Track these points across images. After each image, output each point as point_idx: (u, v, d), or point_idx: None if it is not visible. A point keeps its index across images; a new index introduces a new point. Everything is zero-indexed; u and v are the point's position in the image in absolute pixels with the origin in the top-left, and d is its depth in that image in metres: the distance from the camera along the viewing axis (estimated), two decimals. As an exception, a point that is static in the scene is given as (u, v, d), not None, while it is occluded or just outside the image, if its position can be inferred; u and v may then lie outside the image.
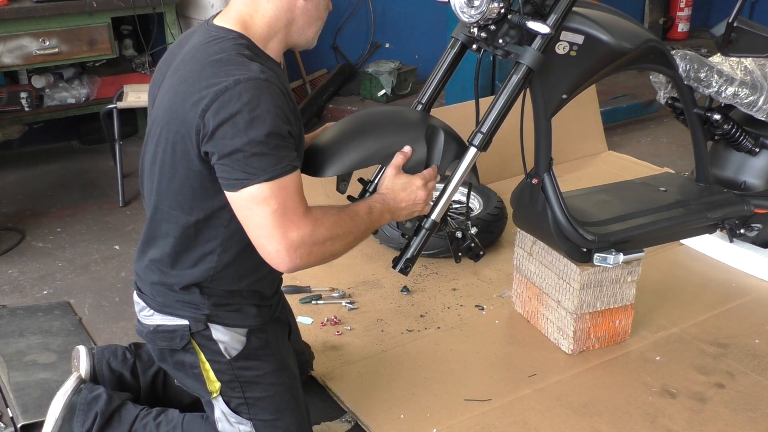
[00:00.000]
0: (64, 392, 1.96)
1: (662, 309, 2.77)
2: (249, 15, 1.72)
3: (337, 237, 1.71)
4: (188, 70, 1.66)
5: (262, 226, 1.62)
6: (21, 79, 3.87)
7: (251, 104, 1.56)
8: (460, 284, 2.93)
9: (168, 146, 1.69)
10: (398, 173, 1.89)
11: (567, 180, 3.69)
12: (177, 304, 1.83)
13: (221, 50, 1.64)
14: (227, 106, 1.56)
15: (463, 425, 2.20)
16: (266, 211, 1.59)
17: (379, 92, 5.04)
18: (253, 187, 1.58)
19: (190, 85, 1.62)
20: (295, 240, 1.62)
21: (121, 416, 1.95)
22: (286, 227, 1.61)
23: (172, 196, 1.73)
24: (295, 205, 1.62)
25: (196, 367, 1.87)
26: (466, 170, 2.11)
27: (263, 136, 1.56)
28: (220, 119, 1.56)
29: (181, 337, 1.84)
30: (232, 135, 1.56)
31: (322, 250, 1.69)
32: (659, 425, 2.21)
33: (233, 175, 1.59)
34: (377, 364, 2.45)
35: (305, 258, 1.65)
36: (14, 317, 2.69)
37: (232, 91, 1.56)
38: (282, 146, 1.60)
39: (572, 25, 2.17)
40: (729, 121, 2.81)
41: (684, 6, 6.57)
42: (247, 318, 1.87)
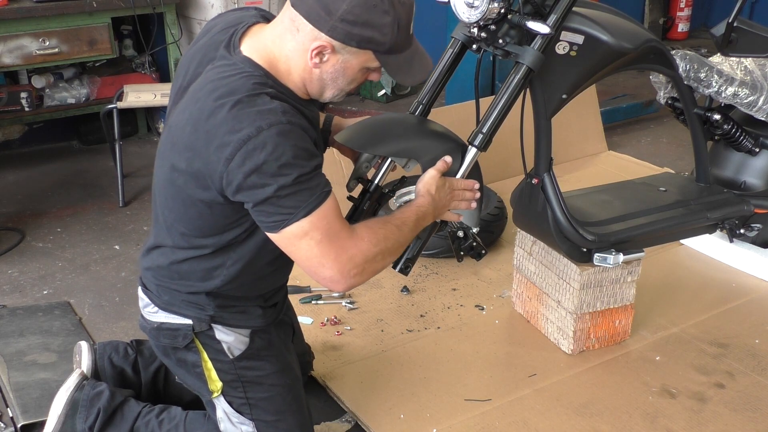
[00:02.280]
0: (67, 388, 1.96)
1: (662, 309, 2.77)
2: (274, 54, 1.65)
3: (387, 251, 1.74)
4: (210, 107, 1.58)
5: (310, 257, 1.63)
6: (21, 79, 3.87)
7: (276, 153, 1.53)
8: (460, 284, 2.93)
9: (188, 177, 1.65)
10: (441, 172, 1.93)
11: (567, 180, 3.69)
12: (182, 303, 1.83)
13: (244, 88, 1.58)
14: (252, 156, 1.53)
15: (463, 425, 2.20)
16: (311, 244, 1.60)
17: (379, 92, 5.04)
18: (293, 225, 1.58)
19: (213, 126, 1.57)
20: (345, 262, 1.64)
21: (123, 413, 1.95)
22: (335, 253, 1.63)
23: (187, 221, 1.73)
24: (338, 229, 1.63)
25: (198, 366, 1.88)
26: (467, 170, 2.11)
27: (292, 180, 1.55)
28: (246, 171, 1.54)
29: (184, 336, 1.84)
30: (262, 185, 1.55)
31: (374, 265, 1.71)
32: (659, 425, 2.21)
33: (271, 219, 1.59)
34: (377, 364, 2.45)
35: (359, 276, 1.68)
36: (14, 317, 2.69)
37: (256, 140, 1.52)
38: (312, 179, 1.58)
39: (572, 25, 2.17)
40: (729, 121, 2.81)
41: (684, 6, 6.57)
42: (252, 319, 1.87)
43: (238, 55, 1.66)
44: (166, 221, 1.78)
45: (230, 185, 1.57)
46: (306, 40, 1.61)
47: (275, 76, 1.65)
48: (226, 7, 3.82)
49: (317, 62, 1.63)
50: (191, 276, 1.81)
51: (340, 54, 1.63)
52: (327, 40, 1.60)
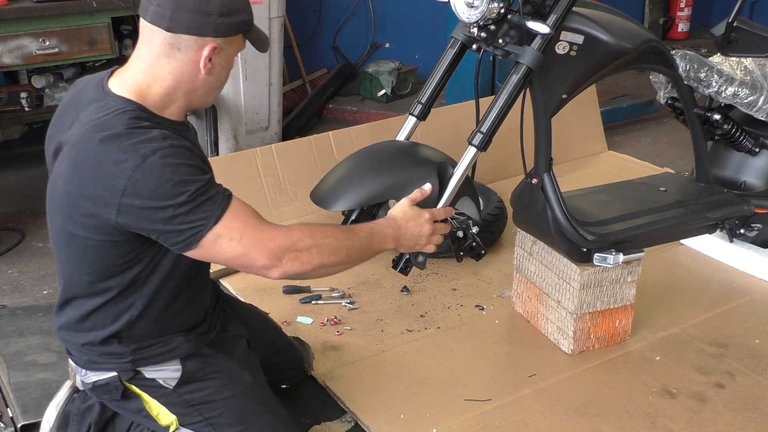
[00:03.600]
0: (57, 403, 1.95)
1: (662, 309, 2.77)
2: (146, 84, 1.65)
3: (326, 247, 1.70)
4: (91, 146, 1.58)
5: (238, 256, 1.62)
6: (21, 79, 3.86)
7: (166, 175, 1.54)
8: (460, 284, 2.92)
9: (80, 223, 1.63)
10: (411, 205, 1.92)
11: (567, 180, 3.69)
12: (100, 358, 1.82)
13: (121, 123, 1.58)
14: (143, 184, 1.53)
15: (463, 425, 2.20)
16: (232, 243, 1.59)
17: (379, 92, 5.04)
18: (208, 234, 1.57)
19: (97, 164, 1.56)
20: (275, 249, 1.62)
21: (114, 426, 1.95)
22: (260, 243, 1.61)
23: (86, 266, 1.71)
24: (256, 223, 1.62)
25: (143, 410, 1.87)
26: (466, 170, 2.12)
27: (189, 196, 1.55)
28: (142, 199, 1.54)
29: (116, 388, 1.84)
30: (162, 207, 1.54)
31: (310, 257, 1.67)
32: (659, 425, 2.21)
33: (183, 237, 1.57)
34: (377, 364, 2.45)
35: (292, 262, 1.65)
36: (14, 317, 2.68)
37: (143, 168, 1.53)
38: (210, 189, 1.59)
39: (572, 25, 2.17)
40: (729, 121, 2.81)
41: (684, 6, 6.58)
42: (176, 348, 1.84)
43: (108, 95, 1.65)
44: (68, 273, 1.76)
45: (127, 217, 1.56)
46: (191, 52, 1.63)
47: (148, 108, 1.65)
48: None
49: (209, 68, 1.65)
50: (103, 322, 1.77)
51: (223, 50, 1.66)
52: (213, 41, 1.63)
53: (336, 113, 5.00)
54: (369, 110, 4.93)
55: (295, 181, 3.30)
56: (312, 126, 4.72)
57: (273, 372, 2.18)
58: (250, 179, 3.23)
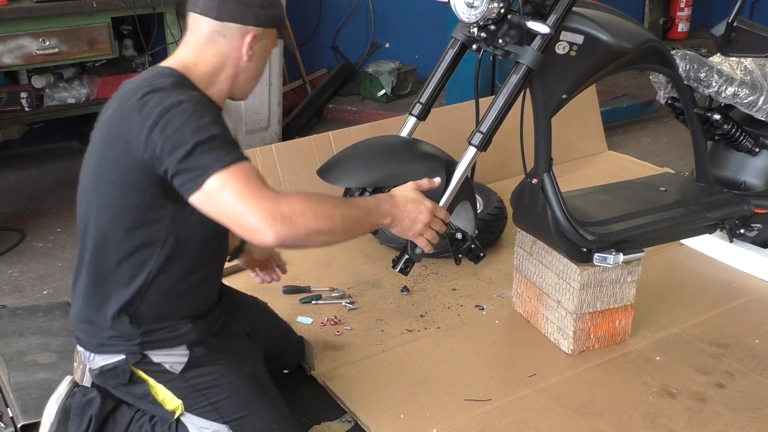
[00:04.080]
0: (58, 397, 1.96)
1: (662, 309, 2.77)
2: (192, 63, 1.79)
3: (321, 212, 1.67)
4: (134, 98, 1.70)
5: (233, 207, 1.60)
6: (21, 79, 3.86)
7: (195, 116, 1.64)
8: (460, 284, 2.93)
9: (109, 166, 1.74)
10: (416, 189, 1.92)
11: (567, 180, 3.69)
12: (110, 341, 1.84)
13: (164, 81, 1.72)
14: (173, 121, 1.63)
15: (463, 425, 2.20)
16: (232, 194, 1.60)
17: (379, 92, 5.04)
18: (212, 178, 1.60)
19: (136, 109, 1.68)
20: (270, 209, 1.60)
21: (116, 419, 1.96)
22: (257, 200, 1.60)
23: (110, 215, 1.76)
24: (259, 183, 1.63)
25: (149, 395, 1.89)
26: (466, 170, 2.12)
27: (208, 137, 1.62)
28: (167, 133, 1.63)
29: (124, 372, 1.86)
30: (182, 143, 1.61)
31: (306, 222, 1.63)
32: (659, 425, 2.21)
33: (191, 176, 1.62)
34: (377, 364, 2.45)
35: (288, 226, 1.61)
36: (14, 317, 2.68)
37: (177, 109, 1.64)
38: (230, 143, 1.66)
39: (572, 25, 2.17)
40: (729, 121, 2.81)
41: (684, 6, 6.58)
42: (184, 335, 1.88)
43: (156, 67, 1.82)
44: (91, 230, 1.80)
45: (151, 153, 1.65)
46: (235, 39, 1.79)
47: (193, 81, 1.78)
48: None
49: (251, 54, 1.82)
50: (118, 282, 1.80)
51: (262, 40, 1.83)
52: (255, 29, 1.80)
53: (336, 113, 5.00)
54: (369, 110, 4.93)
55: (295, 181, 3.30)
56: (312, 126, 4.72)
57: (276, 359, 2.23)
58: (250, 179, 3.22)
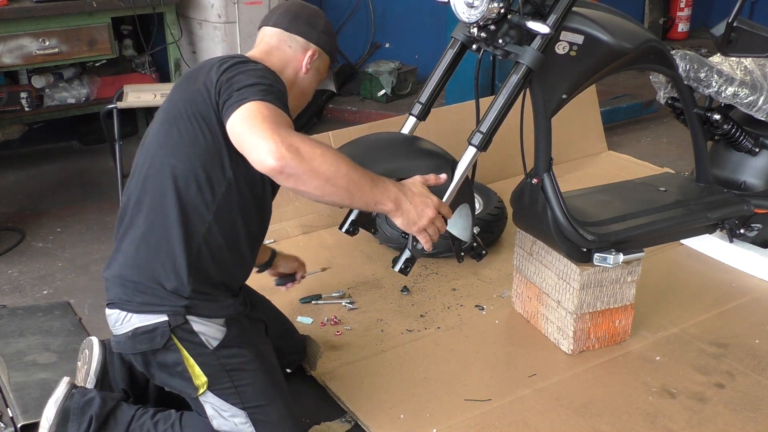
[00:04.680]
0: (56, 399, 1.95)
1: (662, 309, 2.77)
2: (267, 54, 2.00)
3: (330, 160, 1.71)
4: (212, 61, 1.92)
5: (254, 126, 1.71)
6: (21, 79, 3.87)
7: (262, 73, 1.83)
8: (460, 284, 2.93)
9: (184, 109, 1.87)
10: (423, 184, 1.94)
11: (567, 180, 3.69)
12: (157, 299, 1.84)
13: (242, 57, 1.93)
14: (245, 66, 1.85)
15: (463, 425, 2.20)
16: (258, 117, 1.72)
17: (379, 92, 5.04)
18: (250, 103, 1.74)
19: (216, 64, 1.87)
20: (283, 136, 1.68)
21: (116, 418, 1.95)
22: (276, 126, 1.70)
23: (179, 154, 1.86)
24: (285, 120, 1.75)
25: (180, 364, 1.88)
26: (466, 170, 2.11)
27: (267, 84, 1.79)
28: (236, 72, 1.82)
29: (162, 334, 1.85)
30: (244, 79, 1.80)
31: (311, 158, 1.68)
32: (659, 425, 2.21)
33: (235, 99, 1.76)
34: (377, 364, 2.45)
35: (291, 155, 1.66)
36: (14, 317, 2.69)
37: (244, 65, 1.85)
38: (280, 98, 1.80)
39: (572, 25, 2.17)
40: (729, 121, 2.81)
41: (684, 6, 6.58)
42: (224, 308, 1.91)
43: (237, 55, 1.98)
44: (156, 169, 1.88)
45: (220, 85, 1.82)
46: (299, 51, 2.02)
47: None
48: (226, 7, 3.82)
49: (309, 67, 2.03)
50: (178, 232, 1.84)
51: (318, 61, 2.04)
52: (316, 48, 2.03)
53: (336, 113, 5.01)
54: (369, 110, 4.93)
55: (295, 181, 3.29)
56: (312, 126, 4.72)
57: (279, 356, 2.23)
58: (250, 179, 3.22)
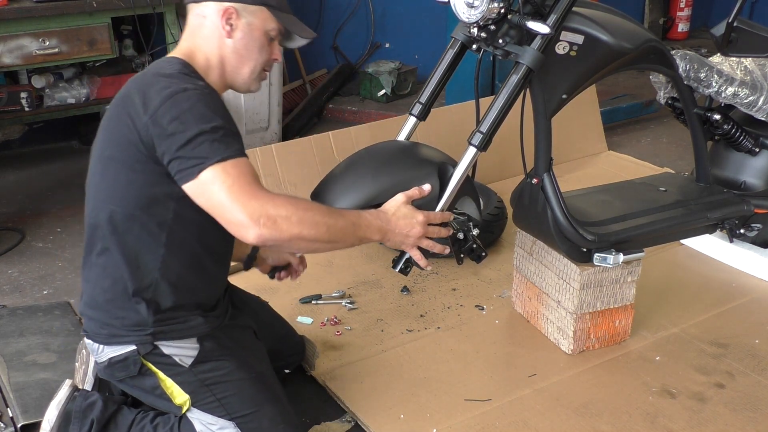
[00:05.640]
0: (58, 402, 1.95)
1: (662, 309, 2.77)
2: (191, 51, 1.86)
3: (307, 219, 1.70)
4: (139, 80, 1.78)
5: (222, 201, 1.65)
6: (21, 79, 3.86)
7: (200, 104, 1.69)
8: (460, 284, 2.93)
9: (115, 146, 1.77)
10: (407, 202, 1.92)
11: (567, 180, 3.69)
12: (121, 330, 1.84)
13: (170, 68, 1.79)
14: (176, 106, 1.68)
15: (463, 425, 2.20)
16: (223, 187, 1.64)
17: (379, 92, 5.04)
18: (207, 170, 1.65)
19: (145, 88, 1.73)
20: (256, 208, 1.64)
21: (117, 422, 1.95)
22: (246, 197, 1.65)
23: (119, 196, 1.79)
24: (250, 180, 1.67)
25: (158, 388, 1.89)
26: (466, 170, 2.11)
27: (211, 127, 1.67)
28: (169, 118, 1.67)
29: (134, 363, 1.86)
30: (183, 129, 1.66)
31: (290, 226, 1.67)
32: (659, 425, 2.21)
33: (187, 164, 1.66)
34: (377, 364, 2.45)
35: (270, 228, 1.65)
36: (14, 317, 2.69)
37: (182, 95, 1.69)
38: (230, 136, 1.70)
39: (572, 25, 2.17)
40: (729, 121, 2.81)
41: (684, 6, 6.58)
42: (194, 327, 1.88)
43: (163, 59, 1.87)
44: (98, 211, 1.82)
45: (154, 135, 1.69)
46: (214, 16, 1.83)
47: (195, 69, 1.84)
48: (226, 7, 3.81)
49: (229, 30, 1.83)
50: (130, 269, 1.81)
51: (243, 17, 1.84)
52: (231, 4, 1.82)
53: (336, 113, 5.01)
54: (369, 110, 4.94)
55: (295, 181, 3.30)
56: (312, 126, 4.72)
57: (278, 358, 2.24)
58: (250, 179, 3.22)
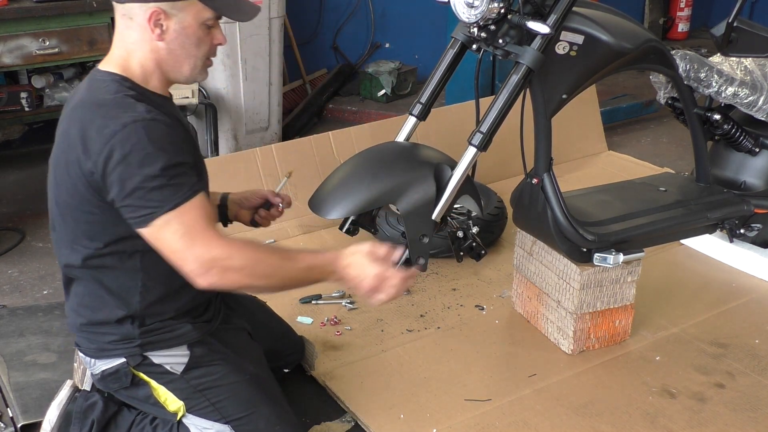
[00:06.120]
0: (59, 402, 1.95)
1: (662, 309, 2.77)
2: (124, 59, 1.75)
3: (258, 271, 1.70)
4: (78, 115, 1.71)
5: (174, 250, 1.66)
6: (21, 79, 3.86)
7: (140, 143, 1.62)
8: (460, 284, 2.92)
9: (67, 191, 1.74)
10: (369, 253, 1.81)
11: (567, 180, 3.69)
12: (109, 345, 1.85)
13: (107, 92, 1.70)
14: (118, 149, 1.61)
15: (463, 425, 2.20)
16: (175, 237, 1.64)
17: (379, 92, 5.04)
18: (158, 219, 1.63)
19: (83, 129, 1.67)
20: (206, 259, 1.64)
21: (117, 423, 1.95)
22: (197, 248, 1.64)
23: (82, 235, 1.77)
24: (202, 227, 1.65)
25: (151, 397, 1.89)
26: (466, 170, 2.11)
27: (158, 170, 1.62)
28: (113, 163, 1.62)
29: (125, 375, 1.87)
30: (129, 175, 1.62)
31: (239, 278, 1.68)
32: (659, 425, 2.21)
33: (139, 213, 1.64)
34: (377, 364, 2.45)
35: (219, 277, 1.66)
36: (14, 317, 2.68)
37: (121, 134, 1.62)
38: (178, 175, 1.65)
39: (572, 25, 2.17)
40: (729, 121, 2.81)
41: (684, 6, 6.58)
42: (182, 335, 1.88)
43: (97, 72, 1.77)
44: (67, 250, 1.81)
45: (99, 180, 1.65)
46: (141, 18, 1.70)
47: (133, 80, 1.74)
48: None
49: (159, 33, 1.71)
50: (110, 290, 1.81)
51: (173, 16, 1.70)
52: (156, 6, 1.68)
53: (336, 113, 5.01)
54: (369, 110, 4.94)
55: (294, 181, 3.30)
56: (312, 126, 4.72)
57: (277, 358, 2.24)
58: (250, 179, 3.23)
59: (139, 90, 1.73)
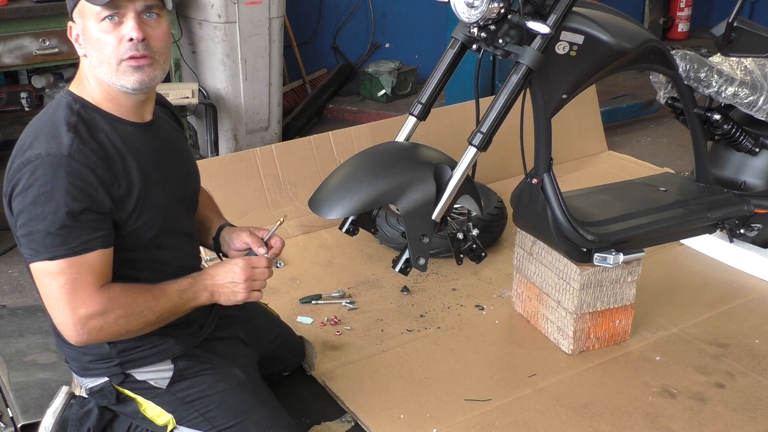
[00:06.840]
0: (54, 410, 1.93)
1: (662, 309, 2.77)
2: (79, 78, 1.73)
3: (133, 315, 1.69)
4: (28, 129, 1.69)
5: (50, 297, 1.64)
6: (21, 79, 3.86)
7: (43, 180, 1.57)
8: (460, 284, 2.92)
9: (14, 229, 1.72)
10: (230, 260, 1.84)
11: (567, 180, 3.69)
12: (90, 364, 1.84)
13: (53, 114, 1.67)
14: (24, 179, 1.59)
15: (463, 425, 2.20)
16: (54, 285, 1.61)
17: (379, 92, 5.04)
18: (43, 262, 1.60)
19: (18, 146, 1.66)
20: (83, 316, 1.62)
21: (113, 430, 1.94)
22: (74, 302, 1.62)
23: None
24: (86, 283, 1.62)
25: (138, 412, 1.88)
26: (466, 170, 2.11)
27: (49, 213, 1.58)
28: (17, 192, 1.61)
29: (110, 393, 1.86)
30: (23, 209, 1.60)
31: (115, 328, 1.67)
32: (659, 425, 2.21)
33: (24, 249, 1.64)
34: (377, 364, 2.45)
35: (95, 334, 1.65)
36: (14, 317, 2.68)
37: (32, 165, 1.59)
38: (73, 227, 1.59)
39: (572, 25, 2.17)
40: (729, 121, 2.81)
41: (684, 6, 6.58)
42: (166, 350, 1.86)
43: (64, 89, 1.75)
44: None
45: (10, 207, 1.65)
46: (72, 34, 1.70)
47: (86, 100, 1.70)
48: (226, 7, 3.82)
49: (79, 45, 1.68)
50: None
51: (78, 24, 1.67)
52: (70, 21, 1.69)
53: (336, 113, 5.01)
54: (369, 110, 4.94)
55: (295, 181, 3.30)
56: (312, 126, 4.72)
57: (277, 362, 2.23)
58: (250, 179, 3.23)
59: (89, 113, 1.68)
